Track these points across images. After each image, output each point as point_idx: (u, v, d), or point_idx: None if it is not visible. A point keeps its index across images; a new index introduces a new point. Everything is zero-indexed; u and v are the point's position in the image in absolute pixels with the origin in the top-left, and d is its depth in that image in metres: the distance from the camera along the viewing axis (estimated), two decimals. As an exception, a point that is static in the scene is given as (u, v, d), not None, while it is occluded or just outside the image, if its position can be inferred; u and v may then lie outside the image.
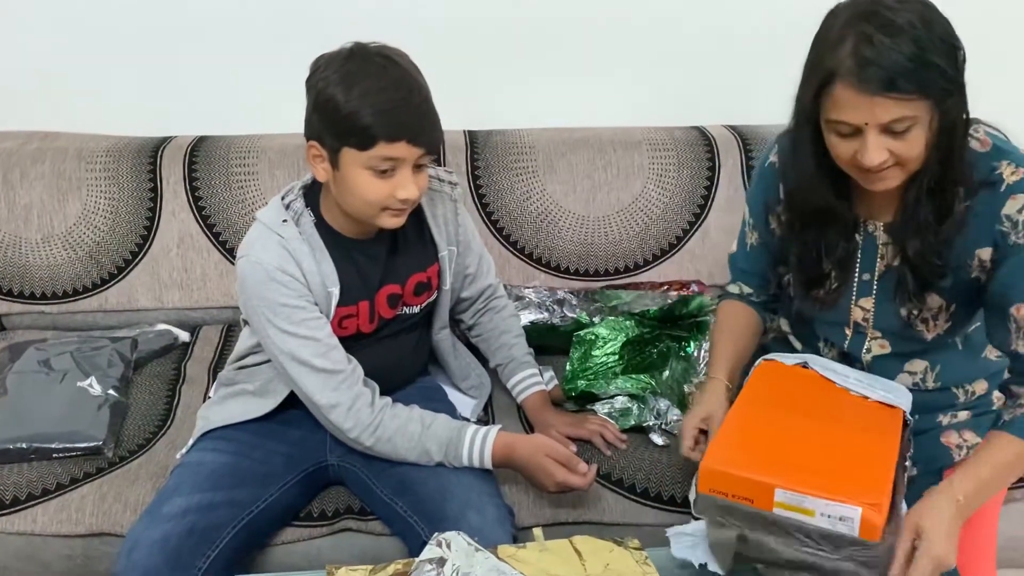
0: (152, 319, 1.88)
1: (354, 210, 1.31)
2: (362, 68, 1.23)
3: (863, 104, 1.06)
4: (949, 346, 1.31)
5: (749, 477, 1.08)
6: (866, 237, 1.27)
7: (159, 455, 1.52)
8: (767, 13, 1.98)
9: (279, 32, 1.95)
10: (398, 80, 1.24)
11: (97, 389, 1.59)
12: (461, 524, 1.23)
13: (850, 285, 1.29)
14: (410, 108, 1.23)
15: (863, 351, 1.32)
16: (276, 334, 1.32)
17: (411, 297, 1.45)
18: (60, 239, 1.83)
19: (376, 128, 1.21)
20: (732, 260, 1.49)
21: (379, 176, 1.25)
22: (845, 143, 1.12)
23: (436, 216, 1.46)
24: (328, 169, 1.28)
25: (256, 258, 1.31)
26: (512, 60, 2.01)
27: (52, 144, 1.88)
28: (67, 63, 1.95)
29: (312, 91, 1.26)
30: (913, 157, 1.11)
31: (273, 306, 1.31)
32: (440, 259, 1.46)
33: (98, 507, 1.42)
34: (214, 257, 1.86)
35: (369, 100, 1.21)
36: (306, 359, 1.32)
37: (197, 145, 1.89)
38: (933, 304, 1.24)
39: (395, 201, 1.28)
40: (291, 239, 1.32)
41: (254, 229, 1.35)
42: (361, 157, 1.24)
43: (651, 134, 1.93)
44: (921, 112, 1.07)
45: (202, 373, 1.75)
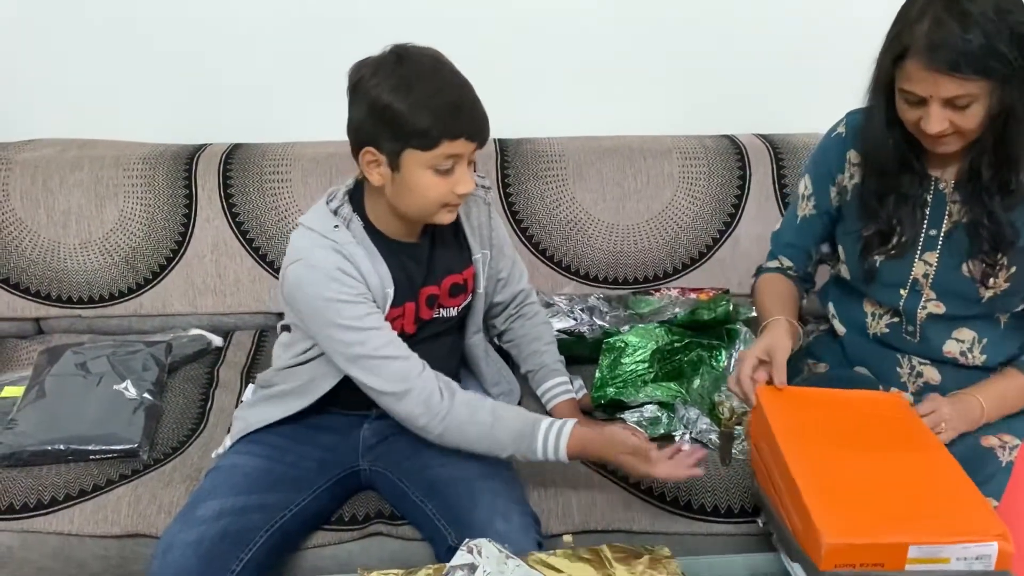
0: (186, 324, 1.91)
1: (414, 209, 1.33)
2: (415, 71, 1.25)
3: (929, 80, 1.18)
4: (996, 321, 1.37)
5: (878, 542, 1.04)
6: (936, 194, 1.35)
7: (193, 457, 1.54)
8: (800, 23, 1.98)
9: (313, 42, 1.97)
10: (451, 80, 1.28)
11: (132, 392, 1.61)
12: (488, 531, 1.24)
13: (917, 239, 1.36)
14: (467, 106, 1.28)
15: (919, 308, 1.38)
16: (340, 332, 1.31)
17: (447, 299, 1.46)
18: (97, 245, 1.86)
19: (439, 128, 1.25)
20: (776, 236, 1.56)
21: (440, 174, 1.28)
22: (912, 110, 1.24)
23: (470, 219, 1.48)
24: (385, 173, 1.30)
25: (312, 261, 1.31)
26: (543, 69, 2.02)
27: (90, 152, 1.91)
28: (105, 73, 1.98)
29: (363, 98, 1.27)
30: (971, 128, 1.22)
31: (335, 305, 1.30)
32: (475, 262, 1.48)
33: (133, 508, 1.44)
34: (247, 263, 1.88)
35: (431, 102, 1.24)
36: (374, 351, 1.31)
37: (231, 153, 1.92)
38: (996, 261, 1.31)
39: (454, 197, 1.31)
40: (345, 243, 1.33)
41: (303, 236, 1.35)
42: (424, 157, 1.26)
43: (681, 143, 1.93)
44: (982, 91, 1.18)
45: (235, 377, 1.77)
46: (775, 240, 1.55)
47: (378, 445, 1.48)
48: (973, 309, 1.35)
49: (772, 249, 1.56)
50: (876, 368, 1.45)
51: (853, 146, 1.41)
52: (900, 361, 1.43)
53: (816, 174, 1.47)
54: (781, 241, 1.54)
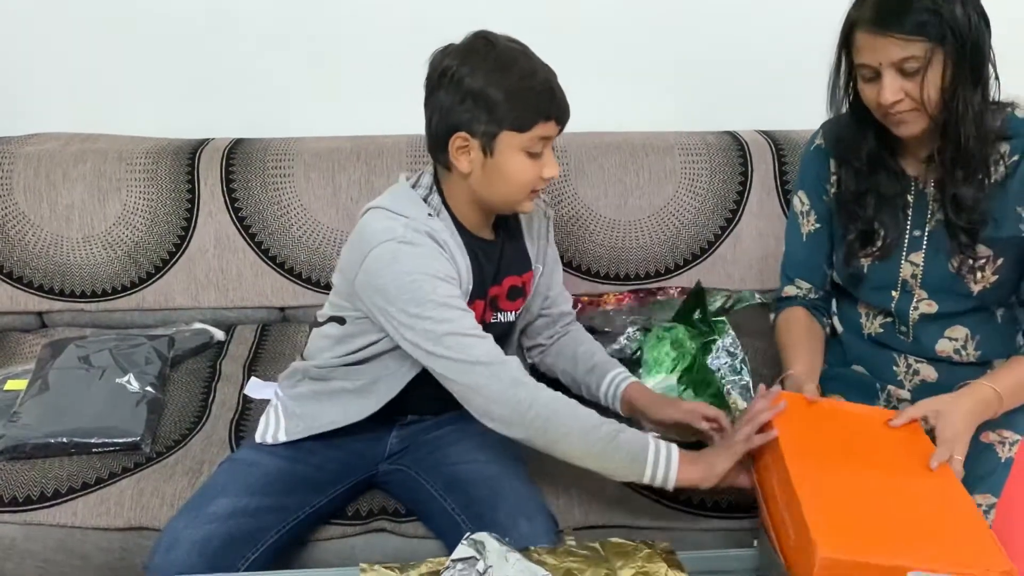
0: (188, 318, 1.91)
1: (500, 195, 1.32)
2: (508, 55, 1.27)
3: (875, 44, 1.21)
4: (991, 315, 1.37)
5: (875, 563, 0.99)
6: (917, 195, 1.36)
7: (195, 451, 1.55)
8: (802, 19, 1.97)
9: (316, 37, 1.97)
10: (540, 63, 1.31)
11: (135, 386, 1.62)
12: (511, 531, 1.23)
13: (901, 241, 1.37)
14: (557, 88, 1.30)
15: (911, 309, 1.38)
16: (434, 309, 1.24)
17: (505, 301, 1.44)
18: (100, 239, 1.87)
19: (537, 108, 1.26)
20: (786, 261, 1.54)
21: (531, 157, 1.29)
22: (869, 87, 1.26)
23: (531, 229, 1.49)
24: (476, 159, 1.29)
25: (409, 239, 1.27)
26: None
27: (93, 146, 1.92)
28: (108, 67, 1.99)
29: (453, 84, 1.26)
30: (926, 100, 1.22)
31: (433, 281, 1.25)
32: (534, 269, 1.48)
33: (136, 501, 1.45)
34: (250, 257, 1.89)
35: (528, 83, 1.26)
36: (467, 329, 1.25)
37: (234, 147, 1.92)
38: (981, 255, 1.32)
39: (541, 182, 1.32)
40: (440, 231, 1.31)
41: (389, 219, 1.29)
42: (520, 139, 1.27)
43: (683, 138, 1.94)
44: (928, 55, 1.20)
45: (237, 371, 1.78)
46: (786, 266, 1.53)
47: (403, 450, 1.47)
48: (966, 304, 1.36)
49: (786, 276, 1.53)
50: (873, 367, 1.45)
51: (832, 155, 1.42)
52: (896, 360, 1.44)
53: (808, 188, 1.47)
54: (793, 263, 1.52)
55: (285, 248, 1.89)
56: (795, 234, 1.50)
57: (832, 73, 1.34)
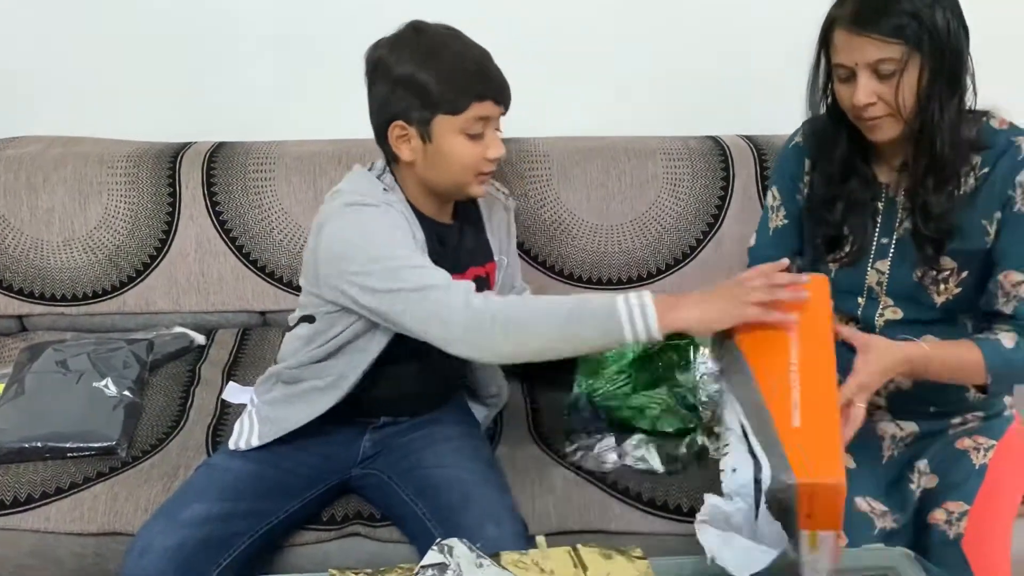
0: (169, 322, 1.91)
1: (447, 180, 1.32)
2: (438, 40, 1.28)
3: (852, 44, 1.21)
4: (959, 325, 1.35)
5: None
6: (886, 202, 1.35)
7: (171, 455, 1.54)
8: (784, 24, 1.97)
9: (298, 39, 1.97)
10: (471, 45, 1.31)
11: (113, 390, 1.61)
12: (478, 535, 1.22)
13: (869, 248, 1.35)
14: (491, 68, 1.30)
15: (876, 316, 1.37)
16: (388, 248, 1.24)
17: None
18: (81, 242, 1.86)
19: (468, 90, 1.26)
20: (753, 251, 1.52)
21: (471, 139, 1.28)
22: (845, 88, 1.25)
23: (492, 221, 1.49)
24: (417, 146, 1.30)
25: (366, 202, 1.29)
26: (528, 69, 2.00)
27: (74, 149, 1.91)
28: (90, 70, 1.98)
29: (385, 75, 1.28)
30: (901, 105, 1.21)
31: (388, 230, 1.27)
32: (497, 262, 1.48)
33: (110, 507, 1.44)
34: (231, 261, 1.88)
35: (457, 66, 1.26)
36: (423, 263, 1.25)
37: (216, 151, 1.91)
38: (945, 267, 1.31)
39: (486, 163, 1.31)
40: (396, 203, 1.32)
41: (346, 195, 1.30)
42: (456, 122, 1.27)
43: (665, 143, 1.93)
44: (904, 58, 1.19)
45: (216, 375, 1.77)
46: (754, 256, 1.51)
47: (376, 455, 1.46)
48: (931, 314, 1.34)
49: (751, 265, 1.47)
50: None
51: (809, 154, 1.41)
52: None
53: (781, 184, 1.47)
54: (757, 258, 1.49)
55: (266, 252, 1.88)
56: (764, 227, 1.50)
57: (811, 72, 1.33)
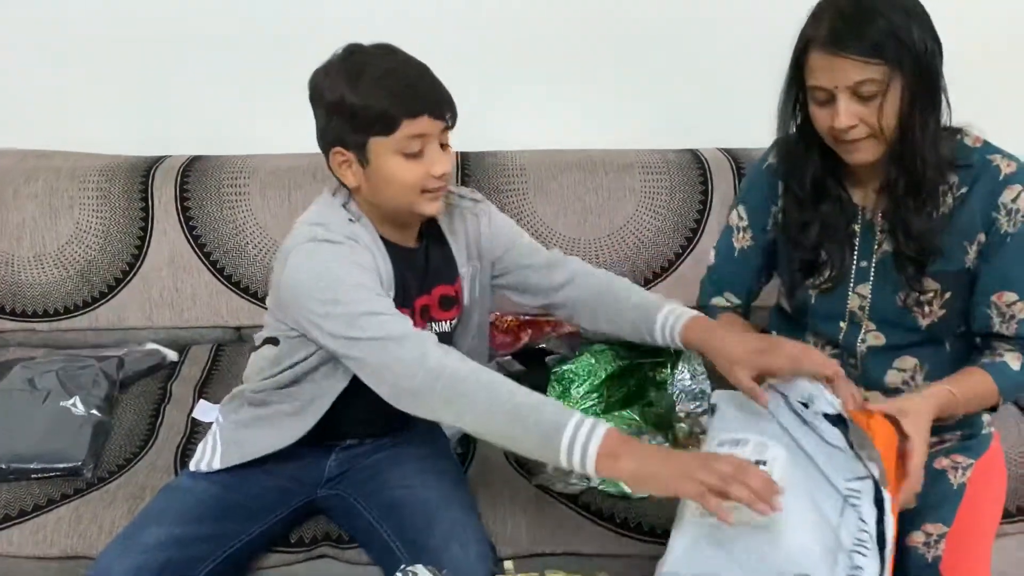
0: (142, 338, 1.89)
1: (393, 202, 1.27)
2: (365, 59, 1.23)
3: (831, 66, 1.16)
4: (939, 346, 1.33)
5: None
6: (864, 224, 1.32)
7: (139, 476, 1.52)
8: (763, 36, 1.96)
9: (273, 53, 1.95)
10: (404, 62, 1.25)
11: (81, 409, 1.59)
12: (443, 556, 1.21)
13: (848, 272, 1.32)
14: (423, 83, 1.24)
15: (858, 342, 1.35)
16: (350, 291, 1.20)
17: (437, 310, 1.39)
18: (52, 257, 1.84)
19: (396, 107, 1.20)
20: (713, 271, 1.48)
21: (410, 158, 1.23)
22: (822, 111, 1.21)
23: (455, 232, 1.41)
24: (358, 171, 1.26)
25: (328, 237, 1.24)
26: (505, 82, 2.00)
27: (46, 163, 1.89)
28: (62, 82, 1.96)
29: (321, 101, 1.25)
30: (882, 127, 1.18)
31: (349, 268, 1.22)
32: (461, 275, 1.41)
33: (73, 529, 1.41)
34: (204, 277, 1.86)
35: (382, 84, 1.20)
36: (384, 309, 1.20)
37: (189, 165, 1.89)
38: (928, 288, 1.28)
39: (432, 180, 1.25)
40: (361, 236, 1.27)
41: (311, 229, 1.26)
42: (389, 143, 1.22)
43: (643, 156, 1.91)
44: (886, 79, 1.15)
45: (188, 393, 1.75)
46: (714, 277, 1.47)
47: (341, 476, 1.43)
48: (915, 337, 1.32)
49: (712, 286, 1.47)
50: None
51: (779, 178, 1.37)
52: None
53: (751, 206, 1.42)
54: (722, 277, 1.46)
55: (240, 267, 1.86)
56: (727, 247, 1.45)
57: (783, 94, 1.29)
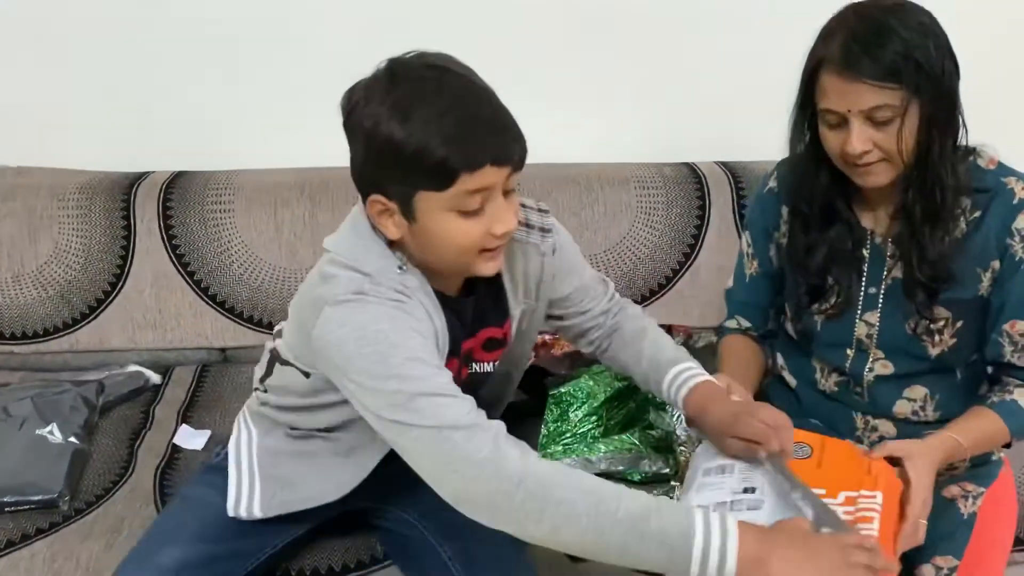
0: (125, 360, 1.83)
1: (445, 262, 1.06)
2: (413, 89, 0.98)
3: (845, 89, 1.11)
4: (950, 375, 1.29)
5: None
6: (873, 249, 1.28)
7: (116, 507, 1.45)
8: (759, 49, 1.92)
9: (259, 66, 1.90)
10: (460, 93, 0.99)
11: (58, 436, 1.53)
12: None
13: (856, 299, 1.28)
14: (485, 123, 0.99)
15: (866, 371, 1.30)
16: (407, 364, 0.99)
17: (480, 352, 1.22)
18: (31, 278, 1.78)
19: (454, 158, 0.96)
20: (729, 294, 1.47)
21: (467, 216, 1.00)
22: (834, 134, 1.16)
23: (515, 272, 1.19)
24: (401, 223, 1.03)
25: (373, 294, 1.02)
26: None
27: (24, 180, 1.83)
28: (41, 96, 1.90)
29: (358, 132, 1.00)
30: (897, 151, 1.13)
31: (403, 333, 1.00)
32: (511, 317, 1.22)
33: (48, 567, 1.34)
34: (188, 297, 1.81)
35: (435, 127, 0.96)
36: (439, 388, 0.98)
37: (173, 181, 1.84)
38: (940, 316, 1.24)
39: (492, 240, 1.03)
40: (415, 291, 1.05)
41: (353, 281, 1.03)
42: (442, 199, 0.98)
43: (639, 171, 1.87)
44: (901, 104, 1.11)
45: (170, 417, 1.69)
46: (729, 299, 1.46)
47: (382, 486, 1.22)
48: (924, 366, 1.28)
49: (728, 308, 1.47)
50: (830, 422, 1.37)
51: (785, 201, 1.33)
52: (854, 416, 1.35)
53: (755, 233, 1.40)
54: (735, 300, 1.45)
55: (226, 287, 1.81)
56: (741, 272, 1.44)
57: (794, 112, 1.23)
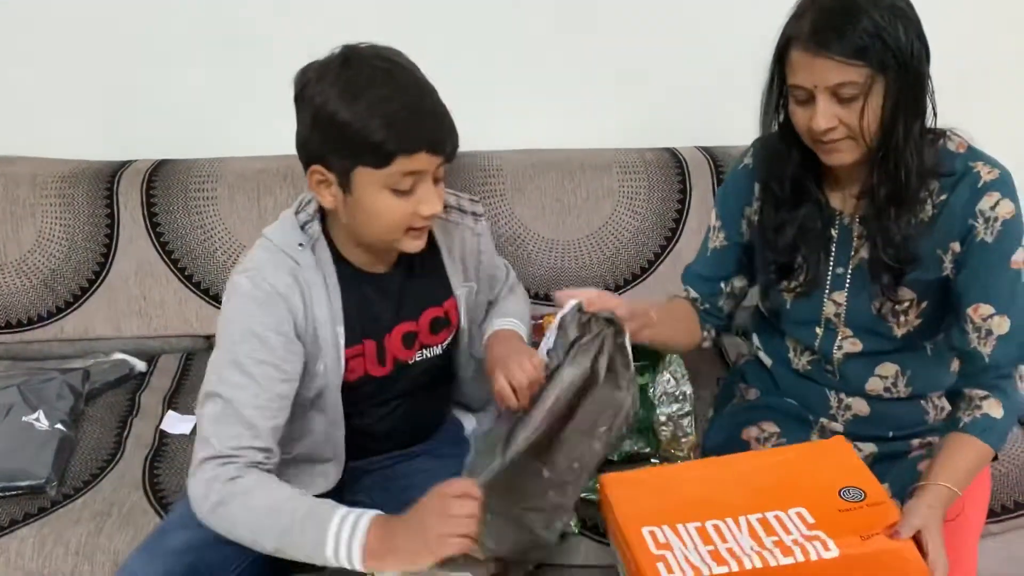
0: (110, 348, 1.83)
1: (373, 236, 1.18)
2: (363, 75, 1.09)
3: (811, 65, 1.12)
4: (919, 351, 1.31)
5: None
6: (841, 230, 1.28)
7: (105, 492, 1.47)
8: (739, 34, 1.94)
9: (242, 53, 1.90)
10: (406, 84, 1.11)
11: (44, 423, 1.54)
12: None
13: (824, 278, 1.30)
14: (425, 114, 1.11)
15: (835, 348, 1.32)
16: (227, 366, 1.13)
17: (428, 335, 1.31)
18: (14, 267, 1.78)
19: (393, 141, 1.08)
20: (687, 268, 1.49)
21: (399, 195, 1.12)
22: (802, 110, 1.17)
23: (452, 251, 1.32)
24: (337, 194, 1.14)
25: (261, 278, 1.15)
26: (480, 80, 1.96)
27: (6, 169, 1.83)
28: (21, 83, 1.90)
29: (308, 107, 1.11)
30: (861, 129, 1.14)
31: (247, 334, 1.14)
32: (456, 297, 1.33)
33: (38, 551, 1.36)
34: (173, 284, 1.81)
35: (381, 109, 1.07)
36: (236, 399, 1.12)
37: (156, 169, 1.84)
38: (904, 297, 1.25)
39: (419, 219, 1.15)
40: (306, 268, 1.18)
41: (263, 248, 1.20)
42: (378, 176, 1.10)
43: (621, 156, 1.88)
44: (867, 81, 1.11)
45: (157, 404, 1.70)
46: (686, 271, 1.48)
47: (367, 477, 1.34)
48: (892, 344, 1.29)
49: (682, 279, 1.48)
50: (804, 400, 1.39)
51: (758, 178, 1.35)
52: (827, 395, 1.37)
53: (724, 207, 1.41)
54: (690, 272, 1.46)
55: (210, 274, 1.81)
56: (704, 247, 1.45)
57: (765, 90, 1.26)
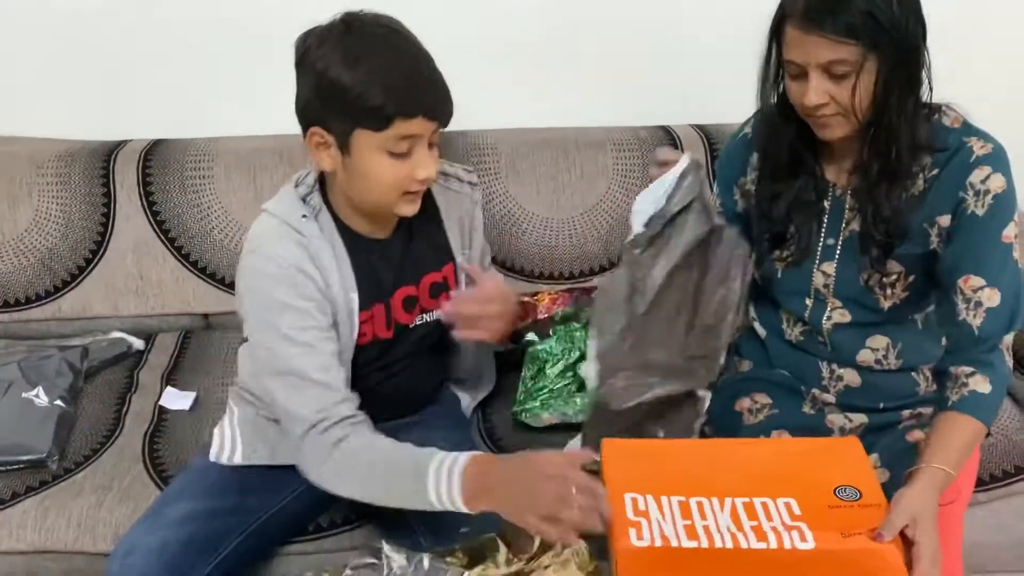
0: (107, 327, 1.84)
1: (370, 198, 1.21)
2: (364, 41, 1.13)
3: (804, 42, 1.14)
4: (909, 323, 1.32)
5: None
6: (834, 202, 1.30)
7: (105, 466, 1.49)
8: (736, 10, 1.95)
9: (236, 31, 1.90)
10: (405, 51, 1.16)
11: (44, 399, 1.55)
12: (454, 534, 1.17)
13: (814, 249, 1.31)
14: (423, 80, 1.16)
15: (824, 319, 1.34)
16: (276, 341, 1.18)
17: (427, 300, 1.35)
18: (11, 246, 1.79)
19: (392, 105, 1.12)
20: None
21: (396, 158, 1.16)
22: (796, 85, 1.19)
23: (451, 218, 1.36)
24: (336, 156, 1.18)
25: (270, 253, 1.20)
26: (476, 59, 1.97)
27: (3, 149, 1.83)
28: (16, 64, 1.90)
29: (309, 72, 1.15)
30: (853, 106, 1.16)
31: (281, 308, 1.18)
32: (455, 263, 1.38)
33: (40, 523, 1.38)
34: (170, 263, 1.82)
35: (381, 75, 1.12)
36: (301, 368, 1.17)
37: (152, 149, 1.85)
38: (892, 270, 1.26)
39: (414, 183, 1.19)
40: (312, 238, 1.22)
41: (265, 223, 1.23)
42: (377, 139, 1.14)
43: (615, 134, 1.90)
44: (859, 59, 1.12)
45: (155, 381, 1.71)
46: None
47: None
48: (879, 316, 1.31)
49: None
50: (796, 371, 1.40)
51: (756, 148, 1.37)
52: (820, 365, 1.38)
53: (721, 177, 1.43)
54: None
55: (207, 252, 1.82)
56: None
57: (761, 65, 1.27)
